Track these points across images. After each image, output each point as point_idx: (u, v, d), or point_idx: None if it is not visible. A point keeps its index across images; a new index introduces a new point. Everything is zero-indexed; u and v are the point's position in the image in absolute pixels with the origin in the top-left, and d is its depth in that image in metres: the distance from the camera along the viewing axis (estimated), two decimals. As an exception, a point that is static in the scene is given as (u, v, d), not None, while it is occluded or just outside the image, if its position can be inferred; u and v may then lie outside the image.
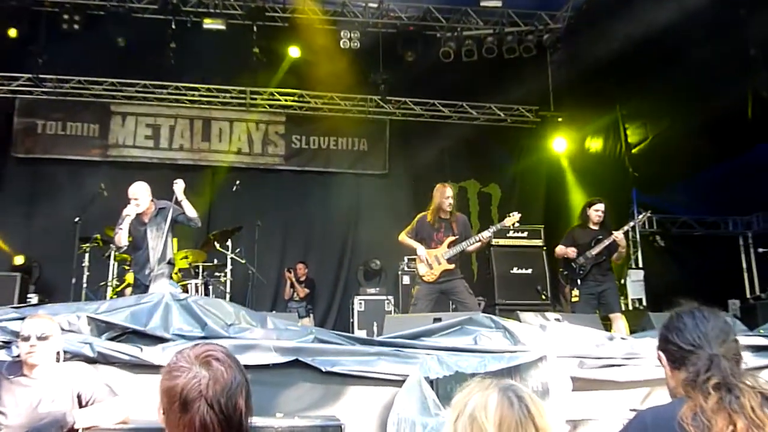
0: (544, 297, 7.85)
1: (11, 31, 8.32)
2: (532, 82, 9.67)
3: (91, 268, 7.56)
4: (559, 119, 10.08)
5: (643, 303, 9.12)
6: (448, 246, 5.77)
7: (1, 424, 2.85)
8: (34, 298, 7.92)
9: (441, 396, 3.26)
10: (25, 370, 2.99)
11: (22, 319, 3.27)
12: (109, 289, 7.36)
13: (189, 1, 8.96)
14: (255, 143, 10.23)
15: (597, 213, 6.22)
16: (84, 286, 7.41)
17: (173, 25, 8.70)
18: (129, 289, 6.50)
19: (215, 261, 8.04)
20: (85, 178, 9.11)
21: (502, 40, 9.01)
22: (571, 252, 6.15)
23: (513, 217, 5.96)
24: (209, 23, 8.68)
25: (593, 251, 6.08)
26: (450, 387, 3.33)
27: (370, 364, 3.54)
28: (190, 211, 5.48)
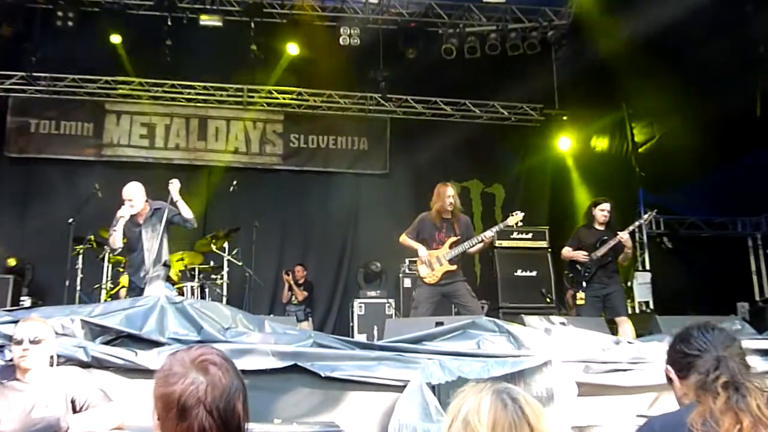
0: (549, 300, 7.83)
1: (5, 29, 8.33)
2: (537, 79, 9.67)
3: (85, 271, 7.58)
4: (564, 118, 10.09)
5: (651, 306, 9.12)
6: (450, 246, 5.75)
7: (-6, 430, 2.86)
8: (26, 301, 7.93)
9: (443, 402, 3.25)
10: (18, 374, 2.99)
11: (15, 322, 3.28)
12: (103, 291, 7.38)
13: (185, -2, 8.99)
14: (252, 142, 10.24)
15: (603, 213, 6.17)
16: (78, 288, 7.42)
17: (169, 22, 8.70)
18: (123, 292, 6.51)
19: (211, 263, 8.05)
20: (79, 178, 9.12)
21: (505, 37, 9.02)
22: (581, 256, 6.09)
23: (516, 216, 5.92)
24: (206, 20, 8.69)
25: (598, 252, 6.04)
26: (452, 393, 3.32)
27: (370, 369, 3.54)
28: (186, 212, 5.48)
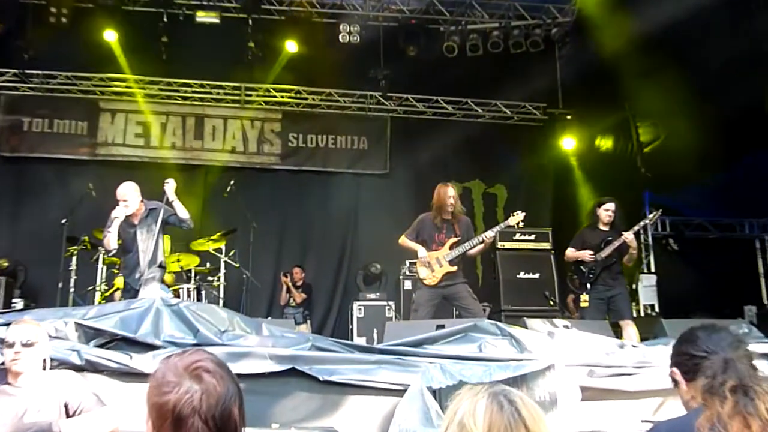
0: (552, 303, 7.83)
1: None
2: (540, 78, 9.66)
3: (79, 272, 7.57)
4: (568, 117, 10.08)
5: (656, 309, 9.12)
6: (450, 247, 5.76)
7: (-15, 435, 2.86)
8: (19, 303, 7.93)
9: (444, 407, 3.23)
10: (10, 378, 2.98)
11: (7, 325, 3.27)
12: (97, 293, 7.38)
13: (181, -6, 8.99)
14: (250, 141, 10.24)
15: (607, 213, 6.15)
16: (71, 290, 7.42)
17: (165, 18, 8.68)
18: (118, 294, 6.51)
19: (208, 264, 8.05)
20: (73, 177, 9.14)
21: (508, 35, 9.01)
22: (587, 255, 6.07)
23: (517, 216, 5.91)
24: (202, 16, 8.68)
25: (603, 254, 6.03)
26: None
27: (369, 372, 3.54)
28: (182, 212, 5.48)
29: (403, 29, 9.23)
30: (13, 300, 7.99)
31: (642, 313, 8.94)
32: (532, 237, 8.28)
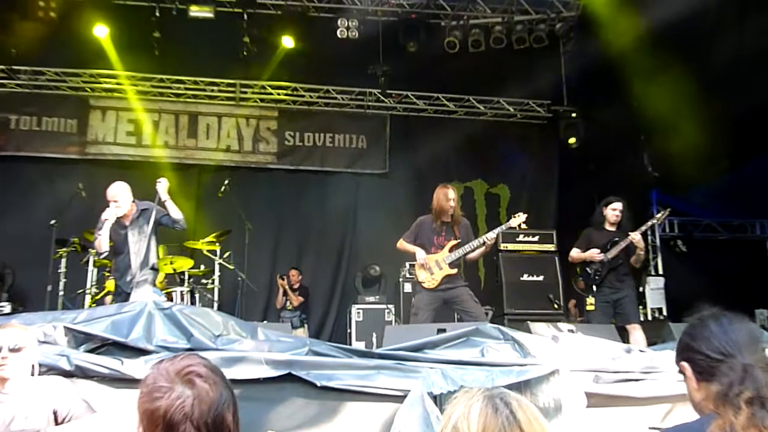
0: (556, 306, 7.84)
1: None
2: (544, 74, 9.68)
3: (69, 275, 7.57)
4: (573, 114, 10.09)
5: (664, 313, 9.14)
6: (450, 250, 5.76)
7: (-29, 443, 2.85)
8: (6, 307, 7.91)
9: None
10: (-3, 384, 2.98)
11: (-6, 329, 3.27)
12: (87, 297, 7.38)
13: (174, -13, 8.99)
14: (245, 140, 10.25)
15: (614, 213, 6.14)
16: (61, 293, 7.41)
17: (157, 13, 8.69)
18: (109, 297, 6.51)
19: (202, 267, 8.05)
20: (62, 177, 9.13)
21: (511, 30, 9.03)
22: (595, 255, 6.04)
23: (519, 217, 5.93)
24: (196, 11, 8.67)
25: (609, 254, 6.02)
26: (454, 403, 3.32)
27: (368, 378, 3.54)
28: (175, 213, 5.48)
29: (403, 24, 9.24)
30: (1, 304, 7.98)
31: (649, 317, 8.95)
32: (536, 238, 8.28)
